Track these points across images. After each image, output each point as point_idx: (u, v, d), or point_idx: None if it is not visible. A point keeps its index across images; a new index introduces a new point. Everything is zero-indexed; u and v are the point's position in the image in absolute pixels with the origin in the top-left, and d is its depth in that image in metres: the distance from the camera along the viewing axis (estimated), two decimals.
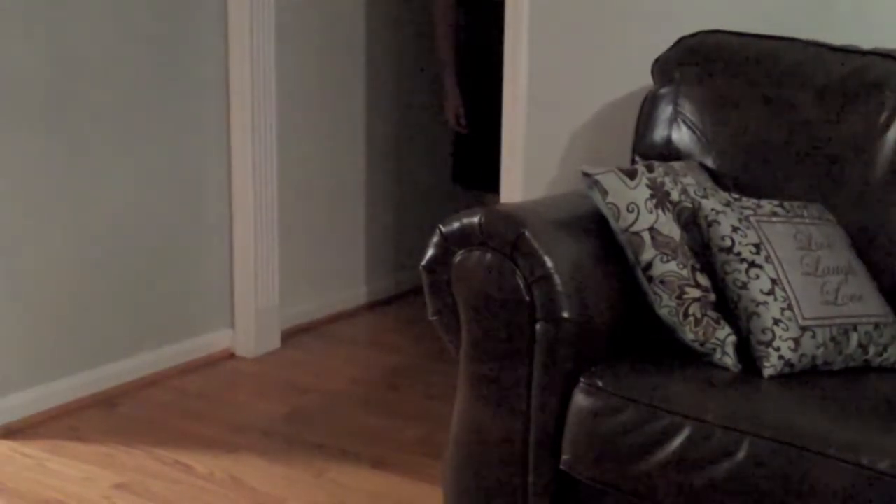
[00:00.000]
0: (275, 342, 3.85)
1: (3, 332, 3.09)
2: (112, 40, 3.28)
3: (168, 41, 3.45)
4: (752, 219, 2.17)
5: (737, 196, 2.27)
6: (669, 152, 2.53)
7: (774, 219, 2.19)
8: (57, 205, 3.19)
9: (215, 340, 3.74)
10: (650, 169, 2.23)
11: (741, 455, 1.86)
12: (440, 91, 4.07)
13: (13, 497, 2.74)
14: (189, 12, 3.50)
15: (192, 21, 3.51)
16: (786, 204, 2.25)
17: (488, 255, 2.10)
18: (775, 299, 2.08)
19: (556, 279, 2.05)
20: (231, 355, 3.76)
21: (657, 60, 2.65)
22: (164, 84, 3.45)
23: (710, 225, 2.16)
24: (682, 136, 2.54)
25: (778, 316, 2.07)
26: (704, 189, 2.26)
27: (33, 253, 3.14)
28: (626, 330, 2.20)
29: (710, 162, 2.47)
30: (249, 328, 3.77)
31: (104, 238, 3.33)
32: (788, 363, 2.07)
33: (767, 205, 2.23)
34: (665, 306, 2.12)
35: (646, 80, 2.68)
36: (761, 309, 2.08)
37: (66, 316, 3.25)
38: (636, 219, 2.14)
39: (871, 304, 2.17)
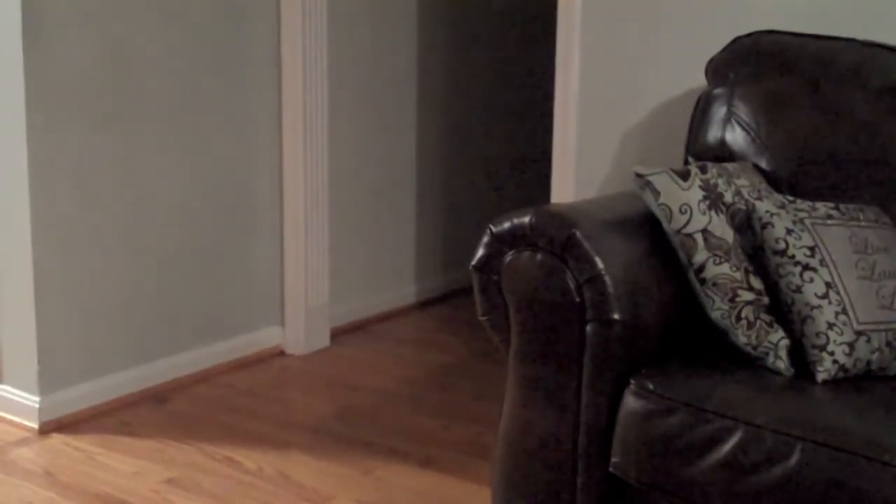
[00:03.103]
0: (324, 340, 3.87)
1: (56, 327, 3.12)
2: (167, 39, 3.31)
3: (222, 40, 3.47)
4: (806, 221, 2.15)
5: (791, 198, 2.24)
6: (723, 153, 2.51)
7: (830, 221, 2.16)
8: (111, 202, 3.22)
9: (265, 338, 3.76)
10: (703, 170, 2.21)
11: (793, 460, 1.84)
12: None
13: (65, 490, 2.78)
14: (243, 11, 3.52)
15: (246, 21, 3.53)
16: (841, 206, 2.22)
17: (539, 256, 2.09)
18: (830, 303, 2.06)
19: (607, 280, 2.04)
20: (280, 353, 3.78)
21: (711, 60, 2.63)
22: (217, 84, 3.47)
23: (763, 227, 2.13)
24: (735, 137, 2.51)
25: (832, 320, 2.04)
26: (758, 191, 2.24)
27: (88, 249, 3.18)
28: (678, 332, 2.19)
29: (764, 163, 2.45)
30: (299, 326, 3.78)
31: (157, 235, 3.36)
32: (842, 368, 2.04)
33: (822, 207, 2.21)
34: (717, 309, 2.10)
35: (699, 81, 2.66)
36: (815, 313, 2.05)
37: (119, 312, 3.28)
38: (689, 220, 2.13)
39: None
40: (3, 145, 3.05)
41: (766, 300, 2.12)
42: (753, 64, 2.56)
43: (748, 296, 2.10)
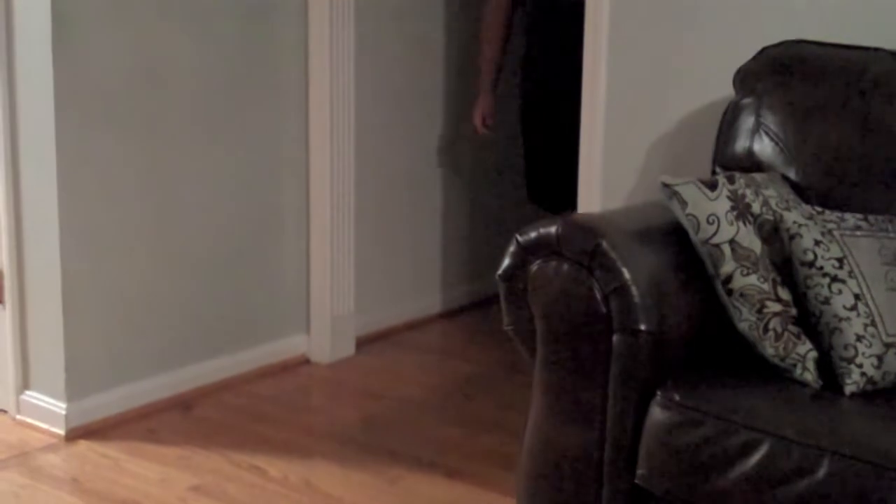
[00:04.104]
0: (349, 349, 3.87)
1: (83, 334, 3.14)
2: (196, 46, 3.32)
3: (250, 48, 3.48)
4: (835, 232, 2.14)
5: (819, 209, 2.23)
6: (751, 164, 2.50)
7: (858, 233, 2.15)
8: (139, 210, 3.23)
9: (290, 346, 3.76)
10: (731, 180, 2.20)
11: (821, 473, 1.82)
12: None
13: (91, 497, 2.79)
14: (270, 18, 3.53)
15: (274, 28, 3.54)
16: (870, 218, 2.21)
17: (565, 266, 2.09)
18: (858, 315, 2.04)
19: (634, 290, 2.03)
20: (306, 361, 3.78)
21: (739, 70, 2.62)
22: (245, 91, 3.49)
23: (791, 238, 2.12)
24: (763, 148, 2.50)
25: (861, 332, 2.03)
26: (787, 201, 2.22)
27: (115, 256, 3.19)
28: (705, 343, 2.18)
29: (792, 174, 2.43)
30: (324, 334, 3.79)
31: (184, 242, 3.37)
32: (871, 380, 2.02)
33: (851, 218, 2.19)
34: (745, 320, 2.09)
35: (727, 90, 2.65)
36: (844, 325, 2.04)
37: (146, 319, 3.30)
38: (716, 231, 2.12)
39: None
40: (32, 151, 3.07)
41: (793, 311, 2.11)
42: (781, 74, 2.54)
43: (776, 307, 2.09)
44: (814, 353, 2.07)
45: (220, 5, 3.37)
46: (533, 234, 2.14)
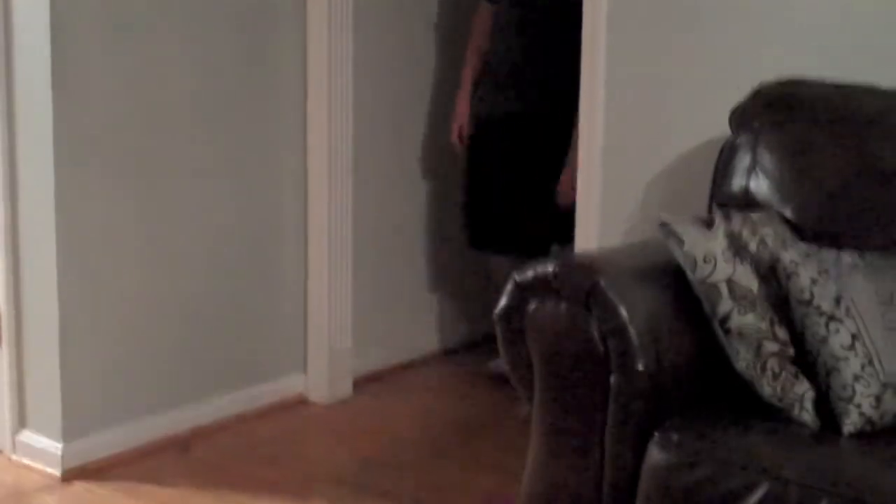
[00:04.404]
0: (347, 389, 3.85)
1: (80, 373, 3.13)
2: (195, 91, 3.34)
3: (249, 91, 3.49)
4: (831, 271, 2.13)
5: (816, 248, 2.23)
6: (748, 202, 2.50)
7: (855, 272, 2.15)
8: (135, 249, 3.23)
9: (288, 385, 3.75)
10: (728, 219, 2.20)
11: None
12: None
13: None
14: (269, 61, 3.55)
15: (272, 71, 3.56)
16: (867, 256, 2.21)
17: (562, 305, 2.09)
18: (856, 355, 2.03)
19: (631, 330, 2.03)
20: (303, 401, 3.77)
21: (735, 109, 2.62)
22: (242, 135, 3.50)
23: (788, 277, 2.12)
24: (760, 186, 2.50)
25: (858, 372, 2.02)
26: (783, 240, 2.22)
27: (112, 296, 3.19)
28: (702, 383, 2.17)
29: (788, 212, 2.43)
30: (322, 374, 3.77)
31: (181, 282, 3.37)
32: (869, 420, 2.01)
33: (848, 257, 2.19)
34: (742, 360, 2.08)
35: (724, 129, 2.66)
36: (841, 364, 2.03)
37: (142, 358, 3.29)
38: (713, 269, 2.11)
39: None
40: (30, 189, 3.08)
41: (791, 351, 2.10)
42: (777, 112, 2.55)
43: (773, 346, 2.08)
44: (811, 393, 2.06)
45: (217, 34, 3.38)
46: (530, 274, 2.14)
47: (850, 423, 2.01)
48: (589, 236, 3.08)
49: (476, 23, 3.91)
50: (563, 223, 3.49)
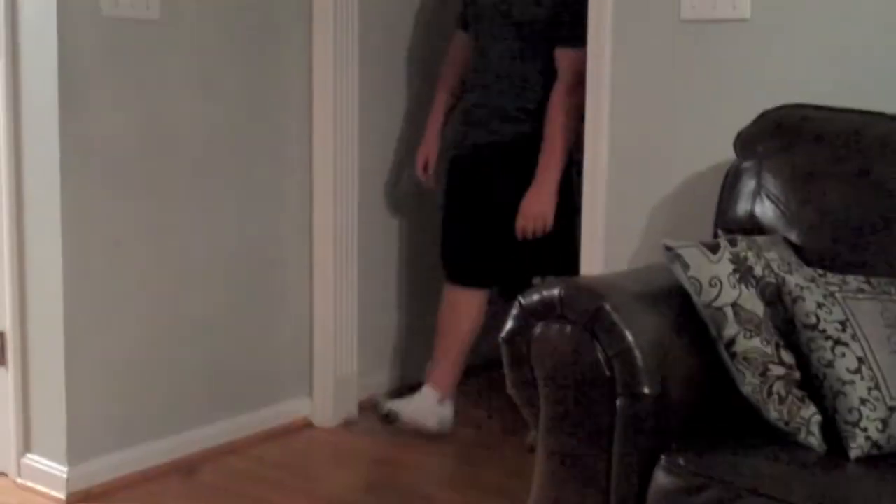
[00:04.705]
0: (352, 412, 3.85)
1: (85, 397, 3.13)
2: (200, 110, 3.35)
3: (254, 113, 3.51)
4: (837, 295, 2.13)
5: (821, 272, 2.23)
6: (752, 226, 2.50)
7: (861, 296, 2.15)
8: (141, 272, 3.24)
9: (293, 409, 3.75)
10: (733, 243, 2.21)
11: None
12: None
13: None
14: (277, 84, 3.56)
15: (279, 92, 3.58)
16: (873, 280, 2.21)
17: (567, 328, 2.09)
18: (862, 378, 2.03)
19: (637, 354, 2.03)
20: (309, 424, 3.77)
21: (740, 134, 2.63)
22: (248, 154, 3.51)
23: (794, 301, 2.12)
24: (765, 211, 2.51)
25: (865, 396, 2.02)
26: (788, 264, 2.23)
27: (118, 320, 3.20)
28: (708, 406, 2.16)
29: (794, 237, 2.44)
30: (327, 398, 3.78)
31: (187, 305, 3.38)
32: (876, 444, 2.01)
33: (853, 281, 2.19)
34: (748, 384, 2.08)
35: (728, 154, 2.66)
36: (847, 388, 2.03)
37: (148, 382, 3.29)
38: (718, 294, 2.12)
39: None
40: (37, 213, 3.09)
41: (797, 375, 2.10)
42: (782, 137, 2.56)
43: (779, 370, 2.08)
44: (818, 417, 2.06)
45: (223, 65, 3.41)
46: (536, 297, 2.14)
47: (857, 446, 2.01)
48: (594, 261, 3.08)
49: (451, 51, 3.86)
50: (544, 255, 3.50)
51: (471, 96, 3.70)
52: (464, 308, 3.65)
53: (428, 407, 3.62)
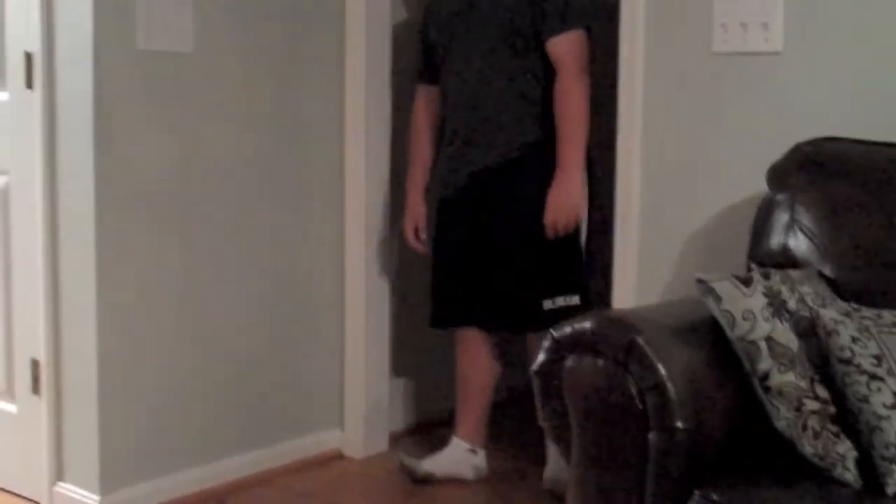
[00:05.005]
0: (383, 444, 3.85)
1: (118, 426, 3.15)
2: (234, 145, 3.38)
3: (287, 148, 3.54)
4: (872, 329, 2.12)
5: (856, 306, 2.22)
6: (786, 260, 2.49)
7: None
8: (174, 303, 3.26)
9: (324, 440, 3.75)
10: (766, 277, 2.20)
11: None
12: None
13: None
14: (307, 114, 3.59)
15: (310, 124, 3.60)
16: None
17: (600, 361, 2.08)
18: None
19: (670, 387, 2.02)
20: (339, 456, 3.77)
21: (773, 167, 2.63)
22: (281, 189, 3.53)
23: (828, 335, 2.11)
24: (798, 244, 2.50)
25: None
26: (822, 298, 2.21)
27: (150, 350, 3.21)
28: (742, 441, 2.15)
29: (827, 270, 2.42)
30: (358, 429, 3.77)
31: (219, 336, 3.39)
32: None
33: (888, 315, 2.17)
34: (783, 418, 2.07)
35: (761, 187, 2.66)
36: (884, 423, 2.01)
37: (180, 412, 3.30)
38: (752, 327, 2.11)
39: None
40: (71, 245, 3.12)
41: (832, 409, 2.08)
42: (815, 170, 2.55)
43: (814, 405, 2.07)
44: (854, 452, 2.04)
45: (256, 100, 3.44)
46: (568, 330, 2.13)
47: (894, 482, 1.99)
48: (627, 294, 3.08)
49: (417, 109, 3.62)
50: (549, 276, 3.37)
51: (454, 139, 3.46)
52: (474, 350, 3.61)
53: (461, 458, 3.58)
